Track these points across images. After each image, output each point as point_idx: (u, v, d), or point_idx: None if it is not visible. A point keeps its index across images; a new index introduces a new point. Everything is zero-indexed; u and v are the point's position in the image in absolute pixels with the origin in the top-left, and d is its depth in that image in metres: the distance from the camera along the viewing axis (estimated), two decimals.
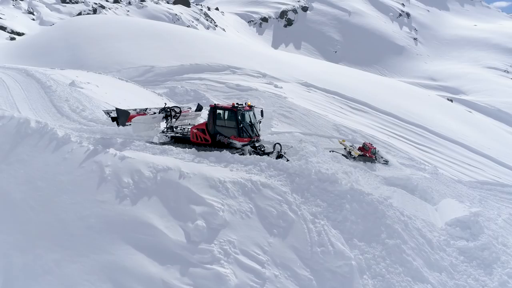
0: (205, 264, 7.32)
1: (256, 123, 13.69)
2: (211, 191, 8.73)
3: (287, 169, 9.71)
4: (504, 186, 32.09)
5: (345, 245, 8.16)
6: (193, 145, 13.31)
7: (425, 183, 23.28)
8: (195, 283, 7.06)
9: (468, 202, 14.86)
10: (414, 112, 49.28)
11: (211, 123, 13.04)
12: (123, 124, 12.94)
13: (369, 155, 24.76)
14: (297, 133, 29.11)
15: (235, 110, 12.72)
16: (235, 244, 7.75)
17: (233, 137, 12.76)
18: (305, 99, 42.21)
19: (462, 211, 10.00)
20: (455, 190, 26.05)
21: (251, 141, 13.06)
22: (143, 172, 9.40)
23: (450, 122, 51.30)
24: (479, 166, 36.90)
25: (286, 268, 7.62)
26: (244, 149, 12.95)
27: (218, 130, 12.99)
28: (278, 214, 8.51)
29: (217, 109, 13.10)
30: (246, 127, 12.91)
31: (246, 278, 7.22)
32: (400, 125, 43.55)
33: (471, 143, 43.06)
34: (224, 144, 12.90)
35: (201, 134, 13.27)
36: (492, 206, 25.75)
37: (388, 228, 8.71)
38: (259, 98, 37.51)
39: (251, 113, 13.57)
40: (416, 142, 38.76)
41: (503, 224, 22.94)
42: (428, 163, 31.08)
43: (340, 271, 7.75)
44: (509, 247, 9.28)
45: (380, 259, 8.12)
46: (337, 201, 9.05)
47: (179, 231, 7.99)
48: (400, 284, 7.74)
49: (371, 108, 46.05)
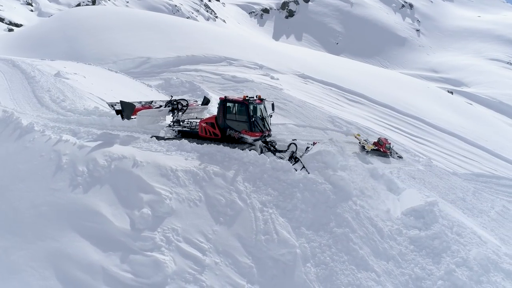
0: (145, 251, 7.39)
1: (267, 117, 13.10)
2: (162, 180, 8.78)
3: (241, 158, 9.73)
4: (500, 179, 32.02)
5: (291, 233, 8.19)
6: (202, 139, 12.64)
7: (402, 174, 23.31)
8: (133, 270, 7.14)
9: (436, 192, 14.77)
10: (412, 104, 49.03)
11: (221, 117, 12.39)
12: (128, 117, 12.39)
13: (383, 150, 25.60)
14: (291, 124, 29.13)
15: (246, 103, 12.02)
16: (178, 232, 7.80)
17: (244, 132, 12.11)
18: (301, 90, 42.10)
19: (418, 200, 9.97)
20: (448, 183, 26.02)
21: (263, 136, 12.51)
22: (98, 161, 9.46)
23: (448, 114, 50.99)
24: (475, 158, 36.76)
25: (228, 256, 7.67)
26: (255, 144, 12.44)
27: (229, 124, 12.33)
28: (226, 203, 8.55)
29: (227, 102, 12.39)
30: (258, 121, 12.26)
31: (185, 265, 7.28)
32: (397, 117, 43.39)
33: (468, 135, 42.85)
34: (234, 139, 12.29)
35: (210, 128, 12.59)
36: (486, 198, 25.74)
37: (338, 217, 8.72)
38: (255, 90, 37.44)
39: (262, 106, 12.90)
40: (412, 134, 38.64)
41: (496, 216, 22.97)
42: (423, 155, 31.06)
43: (283, 259, 7.79)
44: (463, 237, 9.26)
45: (326, 248, 8.14)
46: (288, 190, 9.06)
47: (125, 218, 8.06)
48: (343, 272, 7.77)
49: (368, 100, 45.88)
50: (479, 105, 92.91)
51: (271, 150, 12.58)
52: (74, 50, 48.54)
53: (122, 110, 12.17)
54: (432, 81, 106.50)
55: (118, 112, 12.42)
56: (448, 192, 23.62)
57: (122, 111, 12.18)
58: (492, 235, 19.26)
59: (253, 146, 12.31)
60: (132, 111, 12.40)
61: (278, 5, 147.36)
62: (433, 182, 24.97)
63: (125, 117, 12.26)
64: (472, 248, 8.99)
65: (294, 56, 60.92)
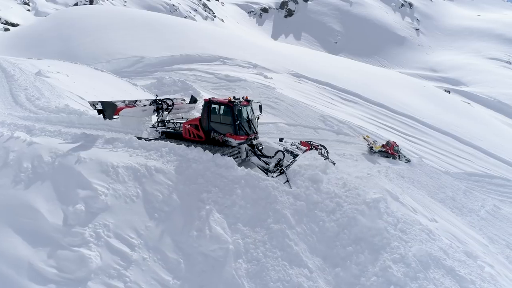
0: (73, 246, 7.39)
1: (254, 119, 12.56)
2: (101, 176, 8.78)
3: (186, 155, 9.73)
4: (493, 178, 31.89)
5: (226, 229, 8.17)
6: (186, 141, 12.13)
7: (391, 173, 23.24)
8: (59, 265, 7.14)
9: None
10: (406, 103, 48.91)
11: (205, 119, 11.88)
12: (110, 117, 11.95)
13: (391, 152, 26.31)
14: (281, 123, 29.15)
15: (231, 106, 11.50)
16: (110, 228, 7.80)
17: (229, 135, 11.59)
18: (294, 89, 42.07)
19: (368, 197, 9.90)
20: (438, 181, 25.99)
21: (248, 139, 12.02)
22: (43, 157, 9.47)
23: (443, 113, 50.77)
24: (469, 157, 36.65)
25: (157, 252, 7.66)
26: (240, 147, 12.05)
27: (213, 127, 11.83)
28: (163, 199, 8.54)
29: (212, 104, 11.87)
30: (243, 123, 11.75)
31: (111, 261, 7.28)
32: (391, 116, 43.33)
33: (462, 135, 42.70)
34: (219, 141, 11.86)
35: (194, 130, 12.12)
36: (477, 197, 25.68)
37: (276, 213, 8.69)
38: (247, 89, 37.50)
39: (249, 108, 12.35)
40: (405, 133, 38.59)
41: (486, 215, 22.87)
42: (416, 154, 31.04)
43: (214, 255, 7.77)
44: (408, 234, 9.19)
45: (260, 244, 8.11)
46: (229, 186, 9.04)
47: (60, 214, 8.06)
48: (274, 268, 7.74)
49: (362, 99, 45.85)
50: (478, 105, 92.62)
51: (257, 154, 12.13)
52: (68, 49, 48.70)
53: (104, 110, 11.80)
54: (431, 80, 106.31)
55: (99, 111, 12.03)
56: (437, 191, 23.55)
57: (104, 111, 11.81)
58: (480, 234, 19.23)
59: (238, 150, 12.03)
60: (114, 110, 12.06)
61: (277, 4, 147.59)
62: (422, 181, 24.92)
63: (107, 117, 11.89)
64: (414, 244, 8.93)
65: (289, 55, 60.80)
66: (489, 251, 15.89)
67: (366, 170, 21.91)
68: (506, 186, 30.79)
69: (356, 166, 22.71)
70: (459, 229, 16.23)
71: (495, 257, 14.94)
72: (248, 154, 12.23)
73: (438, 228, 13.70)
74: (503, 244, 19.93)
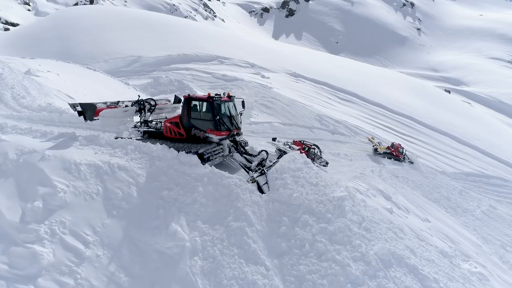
0: (27, 243, 7.39)
1: (237, 115, 12.53)
2: (63, 173, 8.78)
3: (151, 152, 9.73)
4: (490, 178, 31.70)
5: (184, 227, 8.16)
6: (168, 140, 12.12)
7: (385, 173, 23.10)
8: (10, 262, 7.15)
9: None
10: (405, 103, 48.66)
11: (186, 116, 11.92)
12: (91, 118, 11.93)
13: (395, 153, 26.55)
14: (276, 123, 29.09)
15: (211, 101, 11.55)
16: (66, 225, 7.80)
17: (210, 131, 11.60)
18: (291, 89, 41.94)
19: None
20: (433, 181, 25.87)
21: (230, 135, 11.98)
22: (8, 155, 9.49)
23: (442, 113, 50.42)
24: (466, 157, 36.43)
25: (112, 249, 7.66)
26: (222, 143, 11.94)
27: (193, 124, 11.83)
28: (123, 196, 8.53)
29: (191, 101, 11.94)
30: (224, 119, 11.75)
31: (64, 258, 7.28)
32: (389, 115, 43.15)
33: (460, 135, 42.44)
34: (200, 138, 11.81)
35: (175, 128, 12.12)
36: (472, 197, 25.55)
37: (237, 210, 8.67)
38: (243, 88, 37.42)
39: (231, 104, 12.34)
40: (402, 133, 38.38)
41: (481, 215, 22.73)
42: (411, 154, 30.91)
43: (169, 252, 7.76)
44: (372, 232, 9.14)
45: (218, 241, 8.10)
46: (191, 184, 9.03)
47: (18, 211, 8.06)
48: (230, 266, 7.72)
49: (360, 99, 45.66)
50: (479, 104, 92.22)
51: (239, 151, 12.09)
52: (66, 49, 48.73)
53: (84, 112, 11.80)
54: (432, 80, 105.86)
55: (80, 113, 12.00)
56: (432, 191, 23.44)
57: (84, 113, 11.81)
58: (474, 234, 19.12)
59: (221, 146, 11.94)
60: (94, 111, 12.03)
61: (279, 4, 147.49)
62: (416, 181, 24.81)
63: (88, 118, 11.88)
64: (378, 243, 8.89)
65: (288, 54, 60.64)
66: (482, 251, 15.82)
67: (360, 170, 21.89)
68: (503, 186, 30.64)
69: (350, 166, 22.71)
70: (452, 229, 16.17)
71: (488, 257, 14.88)
72: (231, 150, 12.18)
73: (431, 228, 13.69)
74: (497, 245, 19.81)
